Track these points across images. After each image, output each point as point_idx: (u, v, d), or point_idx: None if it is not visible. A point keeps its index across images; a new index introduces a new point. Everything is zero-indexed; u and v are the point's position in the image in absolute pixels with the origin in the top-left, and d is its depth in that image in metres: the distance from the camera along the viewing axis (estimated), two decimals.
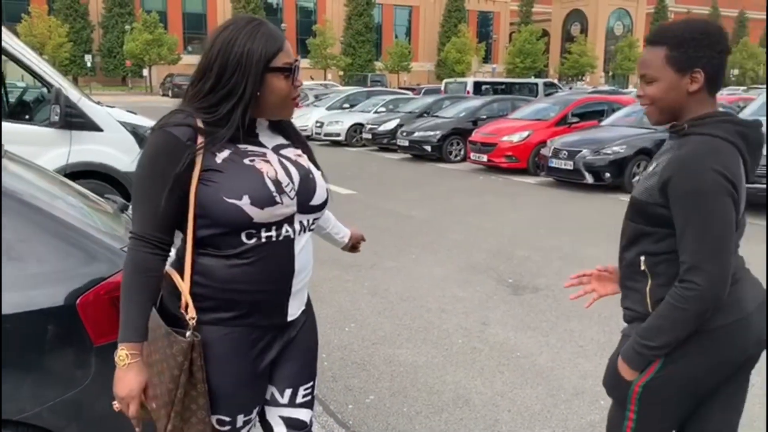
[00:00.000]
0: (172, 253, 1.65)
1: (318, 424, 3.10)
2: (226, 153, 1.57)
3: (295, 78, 1.62)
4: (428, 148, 14.27)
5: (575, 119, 12.79)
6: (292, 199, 1.61)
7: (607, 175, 10.08)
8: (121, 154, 6.12)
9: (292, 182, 1.62)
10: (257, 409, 1.78)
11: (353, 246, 2.22)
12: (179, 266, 1.62)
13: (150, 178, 1.55)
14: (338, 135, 17.56)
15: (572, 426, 3.21)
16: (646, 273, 1.76)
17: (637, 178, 10.19)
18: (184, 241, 1.61)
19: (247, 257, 1.58)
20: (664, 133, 10.46)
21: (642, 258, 1.75)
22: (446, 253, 6.39)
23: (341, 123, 17.77)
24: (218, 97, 1.57)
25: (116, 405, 1.60)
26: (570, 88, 32.81)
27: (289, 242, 1.63)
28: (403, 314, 4.73)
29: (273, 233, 1.59)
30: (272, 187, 1.57)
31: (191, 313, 1.58)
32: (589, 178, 10.28)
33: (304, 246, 1.68)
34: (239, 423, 1.73)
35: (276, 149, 1.68)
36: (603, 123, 12.00)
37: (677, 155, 1.67)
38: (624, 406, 1.84)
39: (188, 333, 1.58)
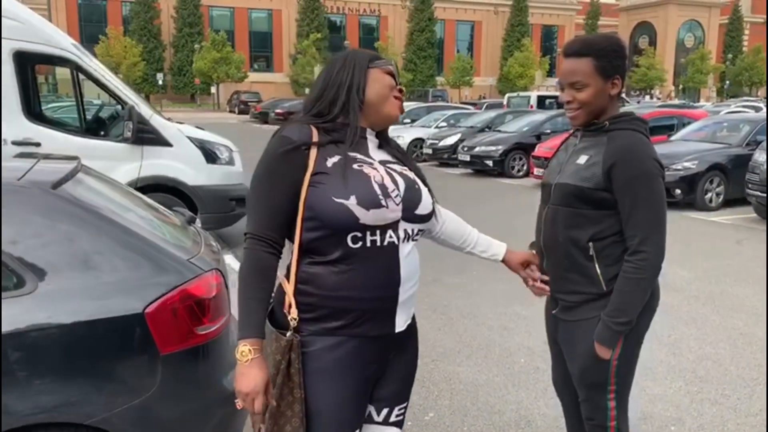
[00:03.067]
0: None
1: None
2: (336, 158, 1.62)
3: (395, 78, 1.73)
4: (490, 163, 14.12)
5: None
6: (397, 205, 1.64)
7: (678, 191, 9.71)
8: (190, 169, 6.33)
9: (398, 189, 1.66)
10: (359, 429, 1.75)
11: (523, 267, 2.11)
12: (286, 274, 1.66)
13: (266, 180, 1.62)
14: None
15: None
16: (593, 257, 1.98)
17: (709, 195, 9.81)
18: (291, 250, 1.65)
19: (353, 262, 1.61)
20: (738, 149, 10.06)
21: (591, 244, 1.98)
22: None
23: (402, 138, 17.78)
24: (330, 96, 1.68)
25: (239, 403, 1.60)
26: (638, 102, 31.94)
27: (394, 248, 1.65)
28: (463, 331, 4.67)
29: (377, 237, 1.62)
30: (378, 191, 1.60)
31: (293, 314, 1.61)
32: None
33: (409, 254, 1.68)
34: None
35: (383, 162, 1.72)
36: (673, 138, 11.61)
37: (615, 146, 1.93)
38: (604, 387, 2.08)
39: (289, 333, 1.61)
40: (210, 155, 6.53)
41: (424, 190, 1.75)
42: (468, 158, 14.59)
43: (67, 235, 2.06)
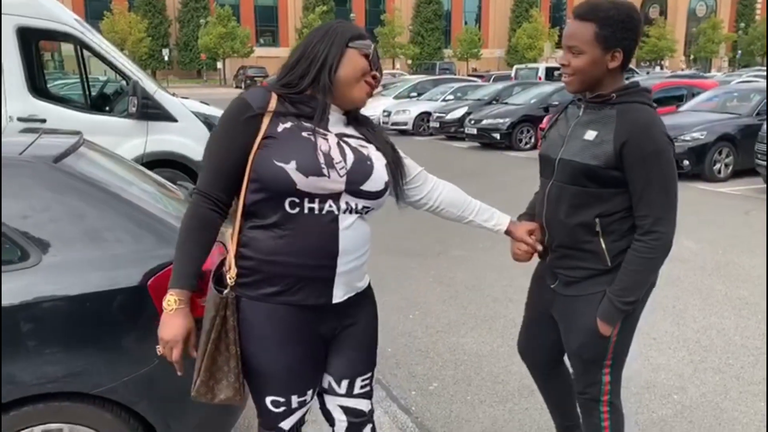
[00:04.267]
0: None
1: (381, 408, 3.12)
2: (288, 124, 1.64)
3: (372, 61, 1.71)
4: (497, 136, 14.02)
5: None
6: (341, 177, 1.63)
7: (686, 162, 9.62)
8: (195, 144, 6.32)
9: (344, 161, 1.65)
10: (312, 391, 1.80)
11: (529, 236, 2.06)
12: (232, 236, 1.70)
13: (220, 142, 1.66)
14: (405, 124, 17.50)
15: (642, 420, 3.10)
16: (599, 233, 1.93)
17: (718, 166, 9.72)
18: (235, 212, 1.68)
19: (290, 228, 1.62)
20: (748, 119, 9.94)
21: (597, 220, 1.92)
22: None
23: (408, 112, 17.71)
24: (302, 67, 1.68)
25: (160, 348, 1.66)
26: (647, 73, 31.50)
27: (333, 218, 1.65)
28: (468, 303, 4.69)
29: (316, 205, 1.63)
30: (321, 159, 1.61)
31: (231, 273, 1.65)
32: None
33: (351, 226, 1.68)
34: (294, 404, 1.76)
35: (339, 135, 1.71)
36: (682, 108, 11.48)
37: (627, 123, 1.84)
38: (601, 362, 2.07)
39: (225, 291, 1.65)
40: None
41: (379, 168, 1.72)
42: (475, 131, 14.50)
43: (69, 209, 2.08)
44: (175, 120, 6.25)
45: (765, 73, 26.36)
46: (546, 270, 2.18)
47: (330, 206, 1.64)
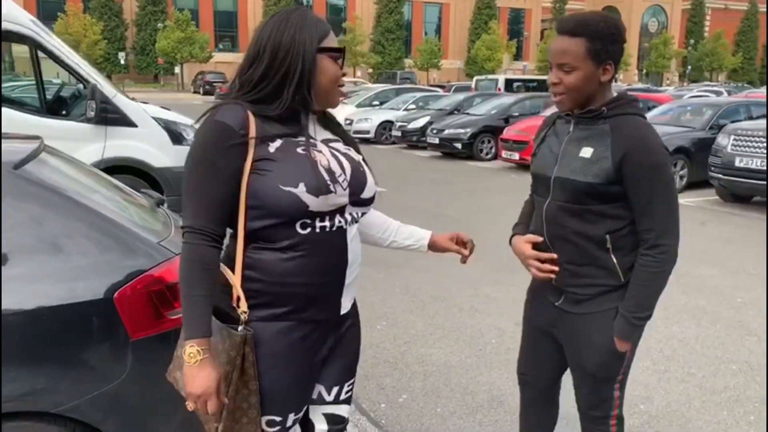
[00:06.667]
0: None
1: (350, 422, 3.06)
2: (278, 142, 1.55)
3: (343, 62, 1.63)
4: (459, 145, 14.15)
5: None
6: (344, 189, 1.58)
7: None
8: (155, 150, 6.18)
9: (344, 173, 1.60)
10: (306, 406, 1.76)
11: (453, 243, 2.09)
12: (229, 262, 1.59)
13: (202, 169, 1.51)
14: (367, 132, 17.51)
15: None
16: (609, 249, 1.89)
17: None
18: (233, 236, 1.58)
19: (303, 248, 1.55)
20: (701, 132, 10.24)
21: (608, 236, 1.88)
22: (478, 251, 6.22)
23: (370, 120, 17.74)
24: (274, 84, 1.55)
25: (190, 405, 1.53)
26: None
27: (342, 232, 1.61)
28: (435, 313, 4.68)
29: (327, 223, 1.57)
30: (326, 176, 1.54)
31: (243, 307, 1.55)
32: None
33: (354, 236, 1.66)
34: (289, 422, 1.70)
35: (325, 142, 1.66)
36: None
37: (623, 137, 1.81)
38: (613, 378, 2.03)
39: (240, 327, 1.55)
40: (176, 136, 6.38)
41: (368, 171, 1.69)
42: (437, 141, 14.60)
43: (31, 218, 1.98)
44: (134, 125, 6.09)
45: (714, 89, 27.42)
46: (548, 287, 2.08)
47: (339, 221, 1.59)
